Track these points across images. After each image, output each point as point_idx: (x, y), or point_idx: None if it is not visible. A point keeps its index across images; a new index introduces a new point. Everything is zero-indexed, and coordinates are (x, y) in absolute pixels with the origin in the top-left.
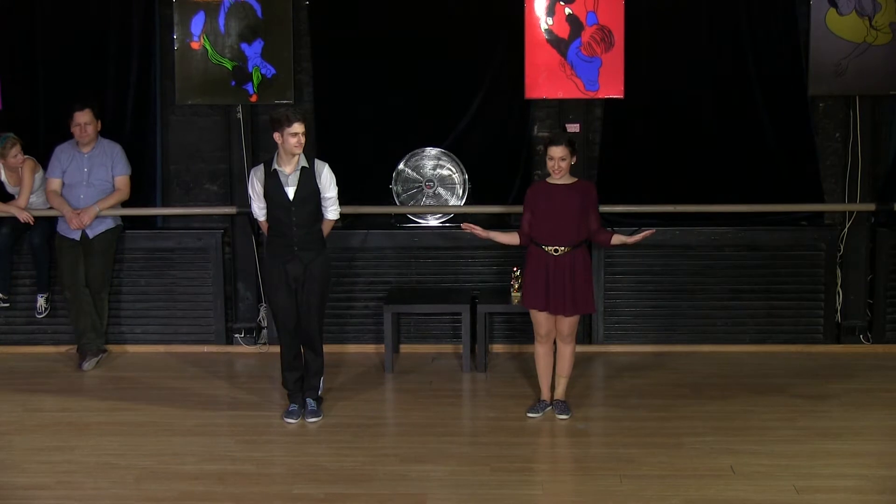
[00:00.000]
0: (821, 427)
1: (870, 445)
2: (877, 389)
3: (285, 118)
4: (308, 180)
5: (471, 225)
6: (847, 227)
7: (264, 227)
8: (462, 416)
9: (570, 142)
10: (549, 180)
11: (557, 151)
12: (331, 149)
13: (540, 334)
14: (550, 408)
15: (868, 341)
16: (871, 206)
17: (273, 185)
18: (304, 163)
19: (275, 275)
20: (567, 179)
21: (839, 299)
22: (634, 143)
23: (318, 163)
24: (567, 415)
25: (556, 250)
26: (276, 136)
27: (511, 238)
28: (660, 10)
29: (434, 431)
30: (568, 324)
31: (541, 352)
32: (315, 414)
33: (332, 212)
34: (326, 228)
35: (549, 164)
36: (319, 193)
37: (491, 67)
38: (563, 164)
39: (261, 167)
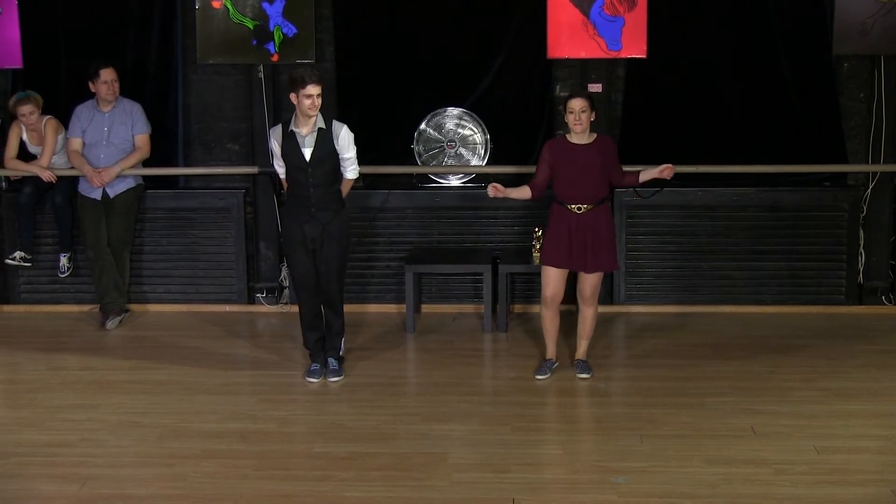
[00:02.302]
0: (842, 388)
1: (890, 406)
2: None
3: (300, 79)
4: (325, 141)
5: (496, 186)
6: (870, 187)
7: (286, 186)
8: (483, 376)
9: (589, 95)
10: (568, 138)
11: (578, 103)
12: (352, 108)
13: (546, 297)
14: (557, 365)
15: (890, 303)
16: (895, 167)
17: (290, 147)
18: (321, 124)
19: (293, 235)
20: (587, 138)
21: (861, 260)
22: (657, 103)
23: (335, 124)
24: (588, 374)
25: (578, 208)
26: (293, 96)
27: (522, 192)
28: None
29: (455, 391)
30: (590, 284)
31: (547, 315)
32: (336, 373)
33: (351, 171)
34: (346, 188)
35: (570, 118)
36: (337, 154)
37: (513, 27)
38: (584, 117)
39: (278, 128)
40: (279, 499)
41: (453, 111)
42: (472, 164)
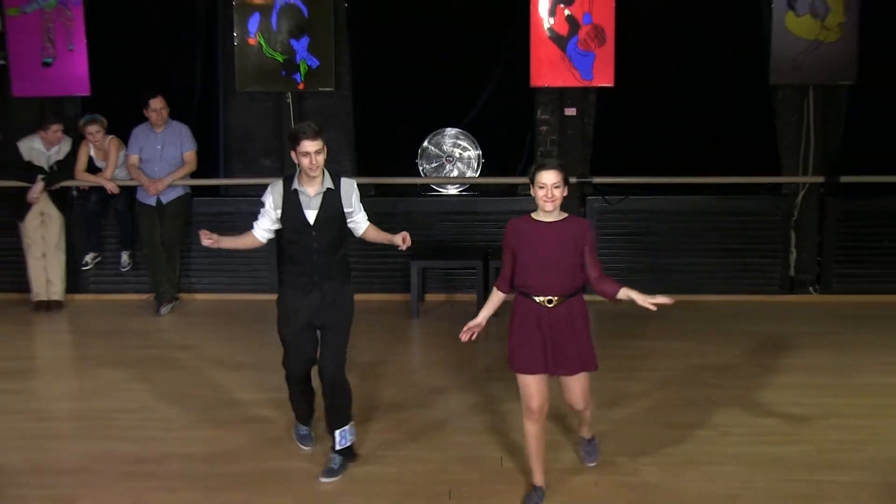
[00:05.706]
0: (778, 363)
1: (817, 378)
2: (824, 332)
3: (294, 136)
4: (333, 202)
5: (469, 328)
6: (800, 196)
7: (240, 243)
8: (479, 355)
9: (562, 166)
10: (534, 216)
11: (550, 177)
12: (367, 130)
13: (532, 409)
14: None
15: (816, 292)
16: (821, 179)
17: (291, 208)
18: (329, 184)
19: (290, 307)
20: (557, 215)
21: (793, 257)
22: (622, 124)
23: (344, 182)
24: (595, 459)
25: (549, 301)
26: (293, 154)
27: (494, 299)
28: (645, 11)
29: (455, 367)
30: (580, 390)
31: (533, 432)
32: (331, 473)
33: (364, 223)
34: (374, 234)
35: (540, 193)
36: (343, 217)
37: (502, 61)
38: (557, 193)
39: (279, 184)
40: (303, 457)
41: (451, 131)
42: (467, 175)
